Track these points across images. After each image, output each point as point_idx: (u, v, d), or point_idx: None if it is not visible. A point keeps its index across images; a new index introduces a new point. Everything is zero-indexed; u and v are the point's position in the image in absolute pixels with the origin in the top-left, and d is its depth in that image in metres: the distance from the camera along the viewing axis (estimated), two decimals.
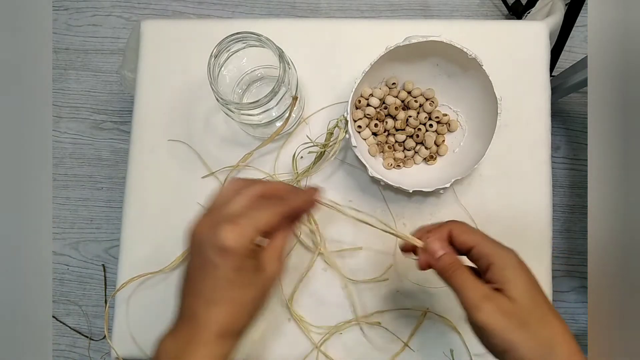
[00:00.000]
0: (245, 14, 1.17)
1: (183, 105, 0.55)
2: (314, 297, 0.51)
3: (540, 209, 0.52)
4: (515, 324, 0.30)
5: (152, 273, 0.51)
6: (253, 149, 0.52)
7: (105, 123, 1.16)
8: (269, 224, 0.32)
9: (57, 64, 1.18)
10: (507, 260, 0.32)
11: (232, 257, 0.31)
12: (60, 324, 1.12)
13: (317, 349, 0.50)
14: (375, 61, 0.45)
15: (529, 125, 0.53)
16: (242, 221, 0.31)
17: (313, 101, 0.54)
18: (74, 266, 1.13)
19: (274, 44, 0.42)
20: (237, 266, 0.31)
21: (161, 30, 0.56)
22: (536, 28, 0.55)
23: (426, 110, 0.51)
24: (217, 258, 0.31)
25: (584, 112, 1.11)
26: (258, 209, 0.33)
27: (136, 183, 0.54)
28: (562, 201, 1.10)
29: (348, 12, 1.17)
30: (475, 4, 1.16)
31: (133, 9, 1.19)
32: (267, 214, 0.32)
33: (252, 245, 0.31)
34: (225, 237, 0.30)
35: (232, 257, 0.31)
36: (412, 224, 0.52)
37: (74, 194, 1.15)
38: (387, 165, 0.50)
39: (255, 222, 0.32)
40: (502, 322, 0.30)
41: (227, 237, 0.30)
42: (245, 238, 0.31)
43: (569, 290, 1.08)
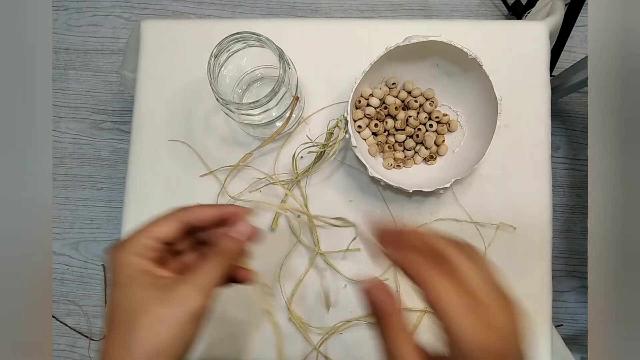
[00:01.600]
0: (245, 14, 1.17)
1: (183, 105, 0.55)
2: (314, 297, 0.51)
3: (540, 209, 0.52)
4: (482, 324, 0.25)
5: None
6: (253, 149, 0.52)
7: (105, 123, 1.16)
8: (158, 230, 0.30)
9: (57, 64, 1.18)
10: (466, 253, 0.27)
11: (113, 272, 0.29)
12: (60, 324, 1.12)
13: (316, 350, 0.50)
14: (375, 61, 0.45)
15: (529, 125, 0.53)
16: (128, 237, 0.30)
17: (313, 101, 0.54)
18: (74, 266, 1.13)
19: (274, 44, 0.42)
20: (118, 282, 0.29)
21: (161, 30, 0.56)
22: (536, 28, 0.55)
23: (426, 110, 0.51)
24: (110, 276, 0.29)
25: (584, 112, 1.11)
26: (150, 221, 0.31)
27: (136, 183, 0.54)
28: (562, 201, 1.10)
29: (348, 12, 1.17)
30: (475, 4, 1.16)
31: (133, 9, 1.19)
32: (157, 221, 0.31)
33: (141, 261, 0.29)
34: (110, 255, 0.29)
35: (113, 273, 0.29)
36: (412, 224, 0.52)
37: (74, 194, 1.15)
38: (387, 165, 0.50)
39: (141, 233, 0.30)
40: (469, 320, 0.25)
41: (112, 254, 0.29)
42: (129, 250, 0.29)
43: (569, 290, 1.08)
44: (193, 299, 0.28)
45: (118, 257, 0.30)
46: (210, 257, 0.31)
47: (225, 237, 0.32)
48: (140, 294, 0.28)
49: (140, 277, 0.29)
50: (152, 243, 0.30)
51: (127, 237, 0.31)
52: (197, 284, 0.29)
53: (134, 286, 0.28)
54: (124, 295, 0.28)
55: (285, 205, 0.33)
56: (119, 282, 0.29)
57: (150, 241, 0.30)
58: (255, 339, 0.51)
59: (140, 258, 0.30)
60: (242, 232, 0.32)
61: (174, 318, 0.27)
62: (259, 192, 0.53)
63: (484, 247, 0.52)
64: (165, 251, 0.32)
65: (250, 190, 0.53)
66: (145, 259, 0.30)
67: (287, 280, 0.52)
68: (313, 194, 0.53)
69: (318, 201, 0.53)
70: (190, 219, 0.32)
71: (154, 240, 0.30)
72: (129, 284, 0.29)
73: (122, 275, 0.29)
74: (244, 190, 0.53)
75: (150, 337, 0.27)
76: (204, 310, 0.29)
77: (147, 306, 0.28)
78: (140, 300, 0.28)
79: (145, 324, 0.27)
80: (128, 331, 0.27)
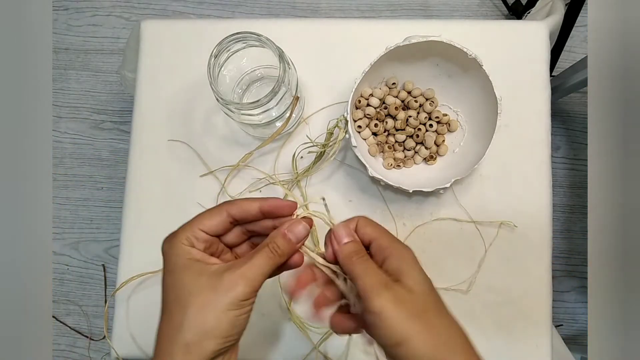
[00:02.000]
0: (245, 14, 1.17)
1: (183, 105, 0.55)
2: (314, 297, 0.51)
3: (540, 209, 0.52)
4: (412, 313, 0.29)
5: (152, 272, 0.51)
6: (253, 149, 0.52)
7: (105, 123, 1.16)
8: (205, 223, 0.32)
9: (57, 64, 1.18)
10: (404, 254, 0.32)
11: (168, 260, 0.31)
12: (60, 324, 1.12)
13: (316, 349, 0.50)
14: (375, 61, 0.45)
15: (529, 125, 0.53)
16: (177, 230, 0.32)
17: (313, 101, 0.54)
18: (74, 266, 1.13)
19: (274, 44, 0.42)
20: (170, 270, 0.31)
21: (161, 30, 0.56)
22: (536, 28, 0.55)
23: (426, 110, 0.51)
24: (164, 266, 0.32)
25: (584, 112, 1.11)
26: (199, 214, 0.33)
27: (136, 183, 0.54)
28: (562, 201, 1.10)
29: (348, 12, 1.17)
30: (475, 4, 1.16)
31: (133, 9, 1.19)
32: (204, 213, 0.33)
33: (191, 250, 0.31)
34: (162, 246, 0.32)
35: (168, 261, 0.31)
36: (412, 224, 0.52)
37: (74, 194, 1.15)
38: (387, 165, 0.50)
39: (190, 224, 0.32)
40: (399, 311, 0.29)
41: (163, 245, 0.32)
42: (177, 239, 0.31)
43: (569, 290, 1.08)
44: (240, 287, 0.30)
45: (169, 247, 0.32)
46: (263, 251, 0.32)
47: (282, 236, 0.33)
48: (190, 279, 0.30)
49: (190, 264, 0.31)
50: (200, 234, 0.32)
51: (177, 230, 0.33)
52: (244, 274, 0.31)
53: (185, 272, 0.31)
54: (176, 281, 0.31)
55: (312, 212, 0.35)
56: (170, 270, 0.31)
57: (198, 232, 0.32)
58: (256, 340, 0.51)
59: (189, 247, 0.32)
60: (299, 235, 0.34)
61: (220, 303, 0.30)
62: (259, 192, 0.53)
63: (485, 246, 0.52)
64: (214, 242, 0.34)
65: (251, 190, 0.53)
66: (195, 249, 0.32)
67: (287, 280, 0.51)
68: (313, 194, 0.53)
69: (318, 201, 0.53)
70: (234, 212, 0.33)
71: (201, 232, 0.32)
72: (180, 270, 0.31)
73: (172, 263, 0.31)
74: (244, 190, 0.53)
75: (198, 320, 0.29)
76: (249, 299, 0.31)
77: (197, 291, 0.30)
78: (190, 286, 0.30)
79: (194, 307, 0.29)
80: (179, 313, 0.30)
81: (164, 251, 0.32)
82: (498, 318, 0.51)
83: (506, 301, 0.51)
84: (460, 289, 0.51)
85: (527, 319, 0.50)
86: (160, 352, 0.30)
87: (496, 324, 0.51)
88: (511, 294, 0.51)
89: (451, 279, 0.52)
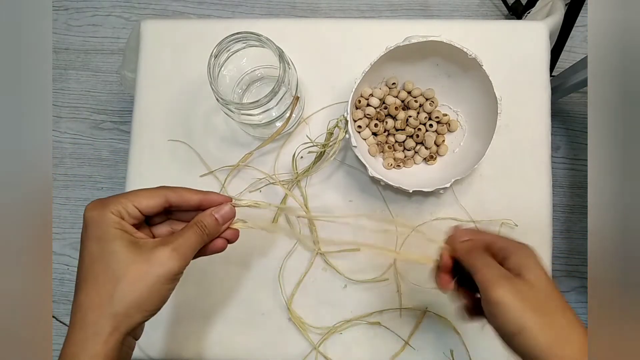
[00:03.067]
0: (245, 14, 1.17)
1: (183, 105, 0.55)
2: (314, 297, 0.51)
3: (540, 209, 0.52)
4: (531, 306, 0.30)
5: None
6: (253, 149, 0.52)
7: (105, 123, 1.16)
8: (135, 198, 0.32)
9: (57, 64, 1.18)
10: (525, 251, 0.33)
11: (91, 226, 0.31)
12: (60, 324, 1.12)
13: (316, 349, 0.50)
14: (375, 61, 0.45)
15: (529, 125, 0.53)
16: (105, 198, 0.32)
17: (313, 101, 0.54)
18: (74, 266, 1.13)
19: (274, 44, 0.42)
20: (97, 235, 0.31)
21: (161, 30, 0.56)
22: (536, 28, 0.55)
23: (426, 110, 0.51)
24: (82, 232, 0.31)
25: (584, 112, 1.11)
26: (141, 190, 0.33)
27: (136, 183, 0.54)
28: (562, 201, 1.10)
29: (348, 12, 1.17)
30: (475, 4, 1.16)
31: (133, 9, 1.19)
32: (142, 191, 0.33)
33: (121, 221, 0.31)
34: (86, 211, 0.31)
35: (91, 227, 0.31)
36: (412, 224, 0.52)
37: (74, 194, 1.15)
38: (387, 165, 0.50)
39: (119, 196, 0.32)
40: (518, 302, 0.30)
41: (87, 211, 0.31)
42: (105, 208, 0.31)
43: (569, 290, 1.08)
44: (173, 261, 0.31)
45: (99, 214, 0.31)
46: (192, 228, 0.33)
47: (209, 215, 0.35)
48: (122, 250, 0.30)
49: (122, 235, 0.31)
50: (133, 210, 0.32)
51: (107, 198, 0.32)
52: (177, 249, 0.32)
53: (116, 242, 0.31)
54: (105, 250, 0.30)
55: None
56: (99, 237, 0.31)
57: (131, 207, 0.32)
58: (256, 340, 0.51)
59: (120, 219, 0.32)
60: (225, 216, 0.36)
61: (153, 276, 0.30)
62: (259, 192, 0.53)
63: None
64: (141, 220, 0.34)
65: (251, 190, 0.53)
66: (125, 222, 0.32)
67: (287, 280, 0.52)
68: (313, 194, 0.53)
69: (318, 201, 0.53)
70: (174, 199, 0.34)
71: (135, 209, 0.32)
72: (111, 239, 0.31)
73: (102, 230, 0.31)
74: (244, 190, 0.53)
75: (131, 292, 0.30)
76: (179, 273, 0.32)
77: (130, 262, 0.30)
78: (121, 256, 0.30)
79: (127, 279, 0.30)
80: (109, 283, 0.30)
81: (90, 216, 0.31)
82: None
83: None
84: None
85: None
86: (84, 322, 0.30)
87: None
88: None
89: None
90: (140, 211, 0.33)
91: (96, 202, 0.32)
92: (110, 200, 0.32)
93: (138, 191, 0.33)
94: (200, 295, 0.52)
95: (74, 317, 0.30)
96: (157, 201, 0.33)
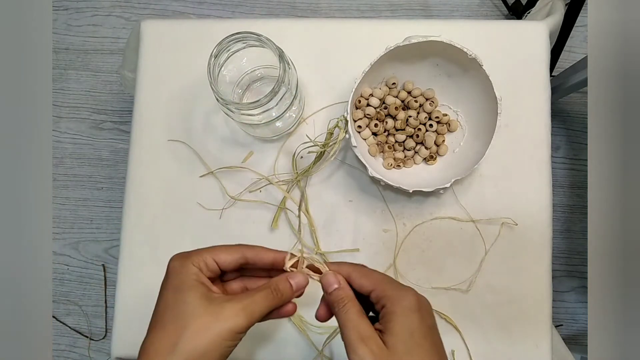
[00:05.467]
0: (245, 14, 1.17)
1: (183, 105, 0.55)
2: (313, 297, 0.51)
3: (540, 209, 0.52)
4: None
5: None
6: (253, 149, 0.52)
7: (105, 123, 1.16)
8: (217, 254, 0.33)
9: (57, 64, 1.18)
10: (399, 303, 0.32)
11: (172, 276, 0.32)
12: (60, 324, 1.12)
13: (321, 354, 0.50)
14: (375, 61, 0.45)
15: (529, 125, 0.53)
16: (189, 251, 0.34)
17: (313, 101, 0.54)
18: (74, 266, 1.13)
19: (274, 44, 0.42)
20: (175, 285, 0.32)
21: (161, 30, 0.56)
22: (536, 28, 0.55)
23: (426, 110, 0.51)
24: (163, 281, 0.32)
25: (584, 112, 1.11)
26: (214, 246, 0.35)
27: (136, 183, 0.54)
28: (562, 201, 1.10)
29: (348, 12, 1.17)
30: (475, 4, 1.16)
31: (133, 9, 1.19)
32: (219, 247, 0.34)
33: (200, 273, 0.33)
34: (170, 261, 0.33)
35: (172, 276, 0.32)
36: (412, 224, 0.52)
37: (74, 194, 1.15)
38: (387, 165, 0.50)
39: (202, 250, 0.33)
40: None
41: (172, 261, 0.33)
42: (188, 260, 0.32)
43: (569, 290, 1.08)
44: (238, 319, 0.31)
45: (180, 264, 0.33)
46: (265, 290, 0.34)
47: (284, 280, 0.35)
48: (194, 302, 0.31)
49: (197, 286, 0.32)
50: (212, 264, 0.34)
51: (191, 251, 0.34)
52: (246, 308, 0.32)
53: (191, 293, 0.32)
54: (179, 299, 0.32)
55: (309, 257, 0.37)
56: (176, 286, 0.32)
57: (211, 261, 0.34)
58: (256, 341, 0.51)
59: (199, 271, 0.33)
60: (299, 284, 0.36)
61: (216, 330, 0.31)
62: (259, 192, 0.53)
63: (485, 246, 0.52)
64: (217, 275, 0.35)
65: (251, 190, 0.53)
66: (204, 274, 0.33)
67: None
68: (313, 194, 0.53)
69: (318, 201, 0.53)
70: (250, 257, 0.35)
71: (214, 263, 0.34)
72: (186, 289, 0.32)
73: (180, 280, 0.32)
74: (243, 190, 0.53)
75: (193, 342, 0.30)
76: (243, 332, 0.32)
77: (198, 314, 0.31)
78: (192, 306, 0.31)
79: (192, 330, 0.30)
80: (175, 332, 0.30)
81: (172, 267, 0.33)
82: (498, 318, 0.51)
83: (506, 301, 0.51)
84: (460, 289, 0.51)
85: (527, 319, 0.50)
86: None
87: (496, 324, 0.51)
88: (511, 294, 0.51)
89: (451, 278, 0.52)
90: (219, 265, 0.34)
91: (180, 254, 0.34)
92: (192, 253, 0.34)
93: (218, 247, 0.35)
94: None
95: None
96: (235, 257, 0.35)
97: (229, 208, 0.53)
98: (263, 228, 0.53)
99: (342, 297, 0.34)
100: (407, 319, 0.31)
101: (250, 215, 0.53)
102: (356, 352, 0.30)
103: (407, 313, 0.31)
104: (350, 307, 0.33)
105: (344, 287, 0.34)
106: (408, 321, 0.31)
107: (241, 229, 0.53)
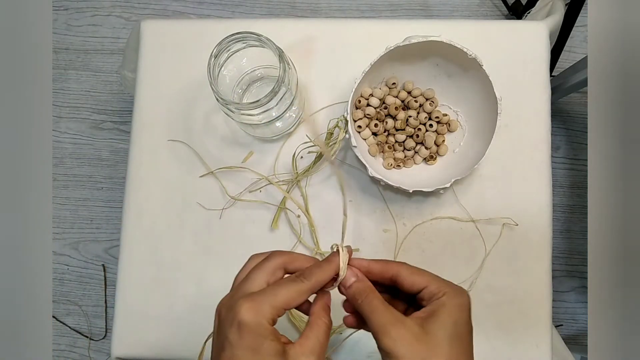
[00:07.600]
0: (245, 14, 1.17)
1: (183, 105, 0.55)
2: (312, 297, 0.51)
3: (540, 209, 0.52)
4: (422, 355, 0.29)
5: None
6: (253, 149, 0.52)
7: (105, 123, 1.16)
8: (288, 301, 0.31)
9: (57, 64, 1.18)
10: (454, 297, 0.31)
11: (249, 334, 0.29)
12: (60, 324, 1.12)
13: None
14: (375, 61, 0.45)
15: (529, 125, 0.53)
16: (258, 297, 0.30)
17: (313, 101, 0.54)
18: (74, 266, 1.13)
19: (274, 44, 0.42)
20: (253, 346, 0.29)
21: (161, 30, 0.56)
22: (536, 28, 0.55)
23: (426, 110, 0.51)
24: (234, 335, 0.29)
25: (584, 112, 1.11)
26: (278, 285, 0.31)
27: (136, 183, 0.54)
28: (562, 201, 1.10)
29: (348, 12, 1.17)
30: (475, 4, 1.16)
31: (133, 9, 1.19)
32: (286, 290, 0.31)
33: (271, 325, 0.30)
34: (240, 312, 0.29)
35: (248, 335, 0.29)
36: (412, 224, 0.52)
37: (74, 194, 1.15)
38: (387, 165, 0.50)
39: (273, 299, 0.30)
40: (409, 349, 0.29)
41: (243, 313, 0.29)
42: (261, 314, 0.30)
43: (569, 290, 1.08)
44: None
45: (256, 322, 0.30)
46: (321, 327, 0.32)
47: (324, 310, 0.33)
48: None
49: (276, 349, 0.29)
50: (282, 312, 0.31)
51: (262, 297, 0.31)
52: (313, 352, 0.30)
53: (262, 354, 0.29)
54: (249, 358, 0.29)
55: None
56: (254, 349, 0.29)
57: (283, 311, 0.31)
58: None
59: (269, 324, 0.30)
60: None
61: None
62: (259, 192, 0.53)
63: (485, 246, 0.52)
64: None
65: (251, 190, 0.53)
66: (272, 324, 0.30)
67: None
68: (313, 194, 0.53)
69: (318, 201, 0.53)
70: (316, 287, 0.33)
71: (284, 310, 0.31)
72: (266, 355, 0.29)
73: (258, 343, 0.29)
74: (244, 190, 0.53)
75: None
76: None
77: None
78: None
79: None
80: None
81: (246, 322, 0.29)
82: (498, 318, 0.51)
83: (506, 301, 0.51)
84: None
85: (527, 319, 0.50)
86: None
87: (496, 324, 0.51)
88: (511, 294, 0.51)
89: (451, 278, 0.51)
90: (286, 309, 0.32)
91: (251, 303, 0.30)
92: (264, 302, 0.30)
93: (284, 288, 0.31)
94: (201, 295, 0.52)
95: None
96: (304, 297, 0.32)
97: (229, 208, 0.53)
98: (263, 228, 0.53)
99: (362, 288, 0.33)
100: (457, 311, 0.31)
101: (250, 215, 0.53)
102: (389, 335, 0.29)
103: (459, 307, 0.31)
104: (373, 297, 0.32)
105: (362, 279, 0.34)
106: (456, 313, 0.31)
107: (241, 229, 0.53)
